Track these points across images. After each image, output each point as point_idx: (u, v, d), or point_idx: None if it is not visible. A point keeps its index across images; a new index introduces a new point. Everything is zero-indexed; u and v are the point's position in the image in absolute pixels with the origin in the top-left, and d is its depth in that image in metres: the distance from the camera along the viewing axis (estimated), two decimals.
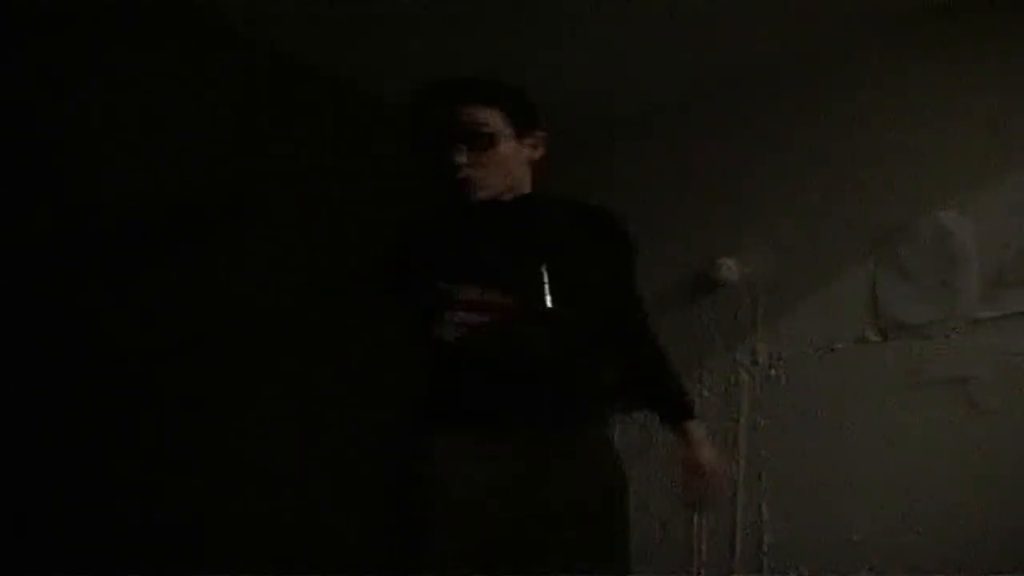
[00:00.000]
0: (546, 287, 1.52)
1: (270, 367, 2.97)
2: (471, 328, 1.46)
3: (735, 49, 2.91)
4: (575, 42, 2.93)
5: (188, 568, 2.51)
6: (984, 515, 2.13)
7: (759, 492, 2.48)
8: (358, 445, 2.61)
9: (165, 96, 2.83)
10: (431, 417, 1.65)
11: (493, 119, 1.68)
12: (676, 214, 3.00)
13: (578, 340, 1.71)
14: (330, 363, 2.87)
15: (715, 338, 2.76)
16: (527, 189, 1.78)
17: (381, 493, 1.64)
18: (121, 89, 2.74)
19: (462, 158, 1.64)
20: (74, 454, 2.70)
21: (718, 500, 1.95)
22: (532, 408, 1.64)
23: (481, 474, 1.57)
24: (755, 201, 2.85)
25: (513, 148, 1.71)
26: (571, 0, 2.72)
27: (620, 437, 2.80)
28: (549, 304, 1.52)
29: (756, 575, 2.39)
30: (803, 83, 2.88)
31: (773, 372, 2.61)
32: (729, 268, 2.78)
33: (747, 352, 2.68)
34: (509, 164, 1.70)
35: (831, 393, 2.48)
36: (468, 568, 1.52)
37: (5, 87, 2.51)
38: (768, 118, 2.93)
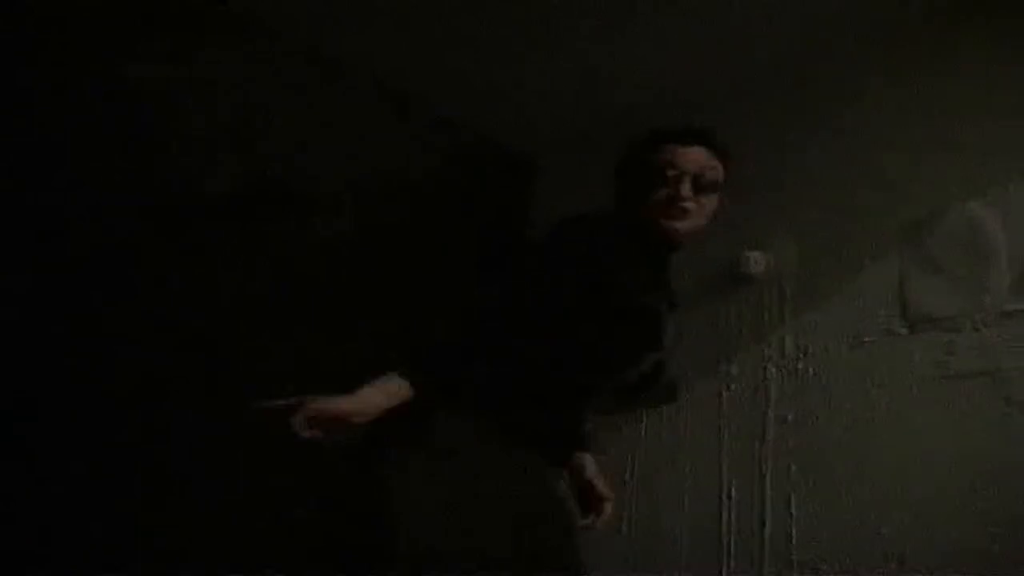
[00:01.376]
0: None
1: (280, 368, 2.99)
2: None
3: (761, 44, 2.91)
4: (603, 43, 2.95)
5: (189, 568, 2.54)
6: (1014, 508, 2.12)
7: (787, 485, 2.48)
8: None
9: (186, 90, 2.87)
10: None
11: (719, 169, 1.89)
12: None
13: None
14: (344, 366, 2.87)
15: (742, 332, 2.77)
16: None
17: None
18: (145, 83, 2.78)
19: (688, 191, 1.83)
20: (76, 453, 2.73)
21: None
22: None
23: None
24: (782, 194, 2.85)
25: (715, 202, 1.91)
26: (602, 5, 2.75)
27: (647, 434, 2.82)
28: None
29: (785, 568, 2.39)
30: (830, 76, 2.88)
31: (801, 365, 2.61)
32: (756, 262, 2.79)
33: (775, 346, 2.68)
34: (708, 214, 1.90)
35: (859, 386, 2.47)
36: None
37: (32, 82, 2.55)
38: (795, 112, 2.92)
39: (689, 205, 1.84)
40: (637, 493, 2.76)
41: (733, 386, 2.72)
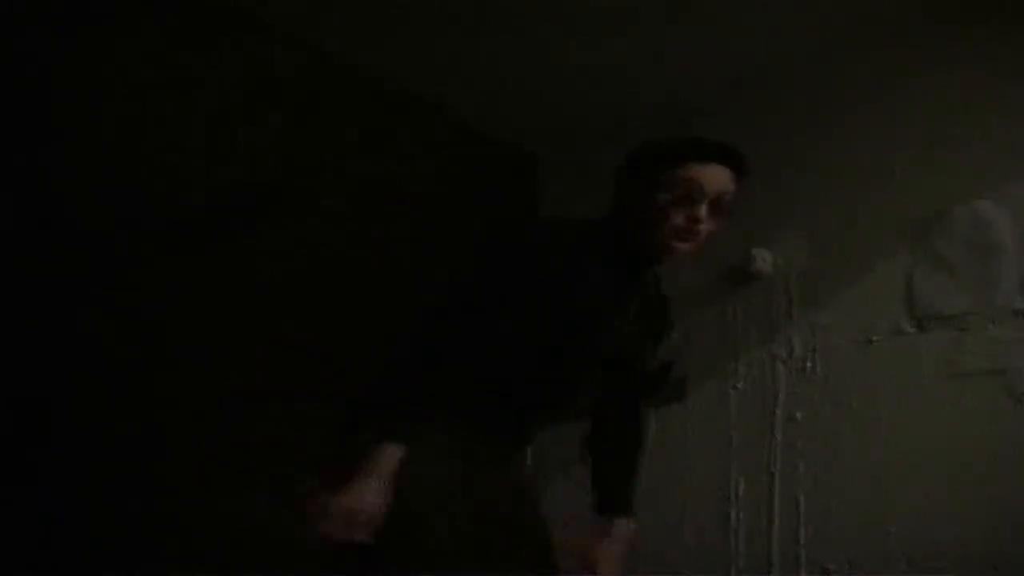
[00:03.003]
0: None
1: (284, 368, 2.99)
2: None
3: (768, 40, 2.90)
4: (607, 37, 2.94)
5: (188, 568, 2.54)
6: (1022, 508, 2.12)
7: (796, 484, 2.48)
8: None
9: (189, 91, 2.87)
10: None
11: (734, 191, 1.77)
12: None
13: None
14: (346, 366, 2.87)
15: (750, 330, 2.76)
16: None
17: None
18: (146, 83, 2.79)
19: (703, 214, 1.71)
20: (76, 452, 2.73)
21: None
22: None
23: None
24: (790, 192, 2.84)
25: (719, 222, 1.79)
26: (606, 2, 2.74)
27: (657, 438, 2.82)
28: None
29: (793, 568, 2.39)
30: (837, 73, 2.86)
31: (809, 364, 2.60)
32: (764, 260, 2.78)
33: (783, 344, 2.68)
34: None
35: (867, 385, 2.47)
36: None
37: (33, 82, 2.56)
38: (802, 109, 2.91)
39: (703, 228, 1.73)
40: (645, 492, 2.76)
41: (741, 385, 2.72)
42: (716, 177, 1.73)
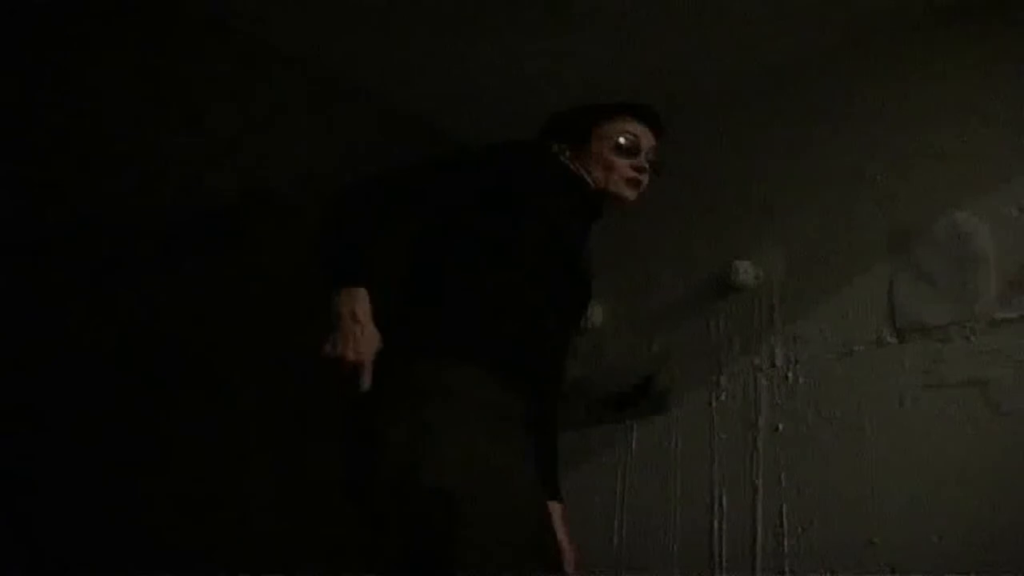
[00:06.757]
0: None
1: (277, 370, 2.97)
2: None
3: (749, 50, 2.92)
4: (588, 43, 2.95)
5: (189, 568, 2.52)
6: (1004, 517, 2.12)
7: (779, 495, 2.48)
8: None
9: (170, 97, 2.86)
10: None
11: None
12: (691, 218, 3.01)
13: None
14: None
15: (732, 342, 2.77)
16: None
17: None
18: (127, 89, 2.77)
19: (644, 162, 2.01)
20: (76, 454, 2.70)
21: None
22: None
23: None
24: (770, 204, 2.86)
25: None
26: (595, 6, 2.76)
27: (638, 444, 2.82)
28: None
29: None
30: (818, 84, 2.89)
31: (791, 375, 2.61)
32: (745, 272, 2.79)
33: (764, 355, 2.68)
34: None
35: (849, 395, 2.47)
36: None
37: (12, 88, 2.54)
38: (783, 120, 2.93)
39: (644, 179, 2.01)
40: (628, 504, 2.75)
41: (723, 396, 2.71)
42: (649, 134, 2.02)
